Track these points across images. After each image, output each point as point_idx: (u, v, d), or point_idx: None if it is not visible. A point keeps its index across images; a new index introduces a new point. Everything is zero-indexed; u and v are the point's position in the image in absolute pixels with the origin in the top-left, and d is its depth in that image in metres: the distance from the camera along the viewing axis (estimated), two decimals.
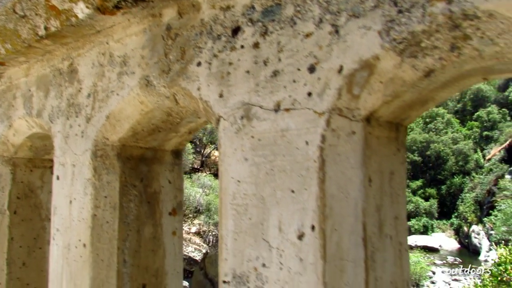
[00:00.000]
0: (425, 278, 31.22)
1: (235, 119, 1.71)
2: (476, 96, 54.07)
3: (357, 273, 1.44)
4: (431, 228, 44.41)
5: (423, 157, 47.84)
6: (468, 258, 37.93)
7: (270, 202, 1.57)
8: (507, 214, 35.11)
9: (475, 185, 44.06)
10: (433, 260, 37.45)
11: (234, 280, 1.66)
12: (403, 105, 1.58)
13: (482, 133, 49.85)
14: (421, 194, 46.45)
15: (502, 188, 40.59)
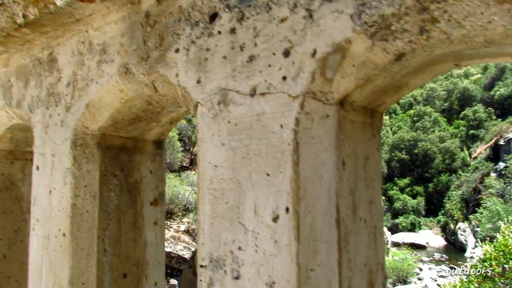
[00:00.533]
0: (412, 275, 31.59)
1: (212, 104, 1.72)
2: (463, 95, 54.79)
3: (330, 254, 1.46)
4: (419, 225, 44.94)
5: (410, 155, 48.35)
6: (454, 255, 38.47)
7: (246, 186, 1.59)
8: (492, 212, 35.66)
9: (461, 183, 44.69)
10: (420, 257, 37.90)
11: (211, 264, 1.67)
12: (377, 90, 1.61)
13: (469, 132, 50.55)
14: (408, 192, 46.97)
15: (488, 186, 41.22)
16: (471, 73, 60.22)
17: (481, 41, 1.34)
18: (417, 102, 57.49)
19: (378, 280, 1.72)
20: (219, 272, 1.64)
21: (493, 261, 11.12)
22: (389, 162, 48.71)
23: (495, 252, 11.41)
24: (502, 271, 11.08)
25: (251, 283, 1.55)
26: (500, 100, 50.69)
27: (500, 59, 1.54)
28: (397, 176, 48.34)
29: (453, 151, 47.66)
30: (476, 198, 42.04)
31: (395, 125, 53.79)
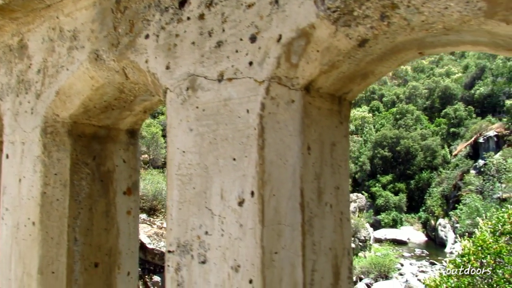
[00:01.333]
0: (394, 270, 32.10)
1: (181, 90, 1.72)
2: (444, 94, 55.74)
3: (294, 237, 1.48)
4: (400, 221, 45.64)
5: (393, 153, 49.01)
6: (434, 250, 39.21)
7: (213, 171, 1.60)
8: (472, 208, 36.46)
9: (442, 180, 45.53)
10: (401, 252, 38.53)
11: (179, 249, 1.68)
12: (343, 77, 1.63)
13: (449, 130, 51.49)
14: (391, 189, 47.63)
15: (467, 182, 42.09)
16: (453, 72, 61.26)
17: (441, 28, 1.37)
18: (400, 100, 58.24)
19: (344, 264, 1.75)
20: (186, 257, 1.65)
21: (471, 256, 11.36)
22: (372, 159, 49.29)
23: (473, 247, 11.66)
24: (480, 266, 11.33)
25: (217, 267, 1.56)
26: (480, 98, 51.76)
27: (461, 47, 1.58)
28: (379, 173, 48.96)
29: (434, 149, 48.50)
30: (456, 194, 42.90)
31: (378, 122, 54.42)
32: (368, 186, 48.27)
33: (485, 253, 11.35)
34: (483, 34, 1.37)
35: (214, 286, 1.56)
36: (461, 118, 51.38)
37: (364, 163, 48.67)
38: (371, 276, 29.92)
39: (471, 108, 51.62)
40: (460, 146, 47.82)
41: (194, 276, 1.62)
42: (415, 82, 61.44)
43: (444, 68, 63.80)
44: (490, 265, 11.19)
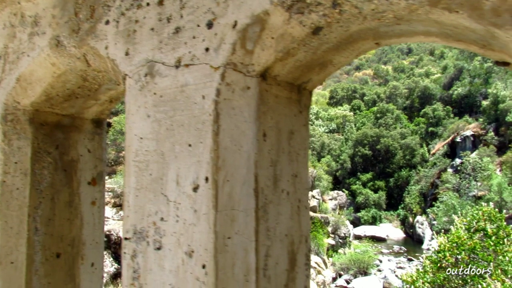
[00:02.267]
0: (373, 266, 32.59)
1: (139, 76, 1.71)
2: (423, 94, 56.75)
3: (248, 222, 1.50)
4: (379, 219, 46.34)
5: (373, 151, 49.68)
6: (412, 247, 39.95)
7: (169, 157, 1.60)
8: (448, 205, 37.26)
9: (420, 178, 46.39)
10: (380, 249, 39.13)
11: (135, 236, 1.67)
12: (300, 66, 1.65)
13: (428, 129, 52.48)
14: (370, 187, 48.29)
15: (444, 181, 42.97)
16: (432, 72, 62.42)
17: (392, 17, 1.40)
18: (380, 99, 59.03)
19: (301, 251, 1.78)
20: (142, 244, 1.64)
21: (447, 252, 11.63)
22: (352, 157, 49.86)
23: (448, 243, 11.94)
24: (455, 262, 11.60)
25: (171, 253, 1.56)
26: (458, 99, 52.88)
27: (415, 38, 1.61)
28: (360, 171, 49.57)
29: (413, 147, 49.36)
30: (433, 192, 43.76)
31: (359, 121, 55.06)
32: (348, 184, 48.82)
33: (460, 249, 11.62)
34: (432, 24, 1.40)
35: (168, 272, 1.56)
36: (439, 117, 52.43)
37: (345, 161, 49.20)
38: (350, 272, 30.30)
39: (449, 108, 52.71)
40: (438, 145, 48.78)
41: (149, 262, 1.62)
42: (396, 82, 62.36)
43: (424, 69, 64.94)
44: (464, 261, 11.45)
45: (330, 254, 32.00)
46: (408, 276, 12.57)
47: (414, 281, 12.11)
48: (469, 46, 1.51)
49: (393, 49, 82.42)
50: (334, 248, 33.39)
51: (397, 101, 57.84)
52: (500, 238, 10.81)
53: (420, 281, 11.97)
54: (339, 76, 77.28)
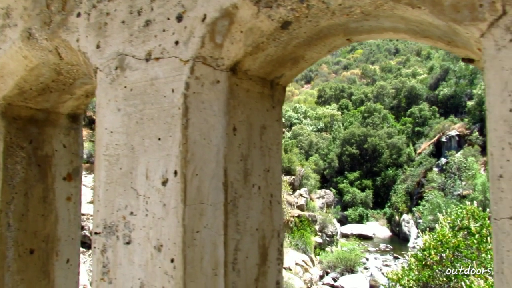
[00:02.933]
0: (359, 264, 32.85)
1: (110, 69, 1.69)
2: (410, 94, 57.36)
3: (216, 216, 1.50)
4: (366, 217, 46.72)
5: (361, 150, 50.07)
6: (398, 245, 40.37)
7: (139, 151, 1.59)
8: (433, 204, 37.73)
9: (406, 177, 46.89)
10: (367, 247, 39.46)
11: (105, 230, 1.66)
12: (271, 60, 1.66)
13: (414, 129, 53.08)
14: (358, 185, 48.66)
15: (430, 180, 43.49)
16: (418, 73, 63.14)
17: (359, 13, 1.41)
18: (368, 99, 59.52)
19: (273, 245, 1.78)
20: (112, 238, 1.63)
21: (431, 250, 11.76)
22: (340, 156, 50.18)
23: (433, 241, 12.08)
24: (440, 259, 11.74)
25: (140, 247, 1.55)
26: (444, 99, 53.59)
27: (384, 34, 1.63)
28: (347, 170, 49.92)
29: (400, 147, 49.87)
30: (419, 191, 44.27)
31: (346, 120, 55.43)
32: (336, 182, 49.13)
33: (445, 247, 11.76)
34: (398, 20, 1.42)
35: (138, 266, 1.56)
36: (425, 117, 53.05)
37: (333, 160, 49.49)
38: (337, 270, 30.49)
39: (435, 108, 53.36)
40: (424, 144, 49.36)
41: (119, 257, 1.61)
42: (383, 81, 62.92)
43: (411, 69, 65.64)
44: (448, 258, 11.60)
45: (318, 252, 32.16)
46: (394, 274, 12.67)
47: (399, 278, 12.22)
48: (436, 43, 1.53)
49: (381, 49, 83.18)
50: (322, 246, 33.55)
51: (384, 100, 58.39)
52: (483, 236, 10.97)
53: (405, 278, 12.08)
54: (327, 75, 77.70)
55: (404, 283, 12.15)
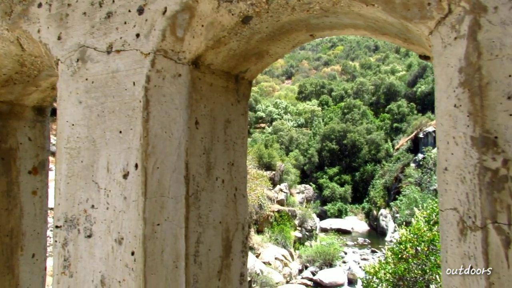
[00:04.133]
0: (338, 258, 33.29)
1: (71, 61, 1.67)
2: (389, 90, 58.20)
3: (178, 209, 1.50)
4: (345, 212, 47.31)
5: (340, 146, 50.57)
6: (376, 239, 41.08)
7: (100, 144, 1.58)
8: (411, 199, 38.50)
9: (384, 172, 47.64)
10: (345, 241, 40.00)
11: (66, 224, 1.64)
12: (235, 55, 1.67)
13: (393, 125, 53.92)
14: (337, 181, 49.18)
15: (407, 175, 44.35)
16: (397, 70, 64.09)
17: (318, 9, 1.44)
18: (348, 95, 60.12)
19: (237, 238, 1.80)
20: (73, 232, 1.62)
21: (407, 244, 12.01)
22: (320, 151, 50.60)
23: (410, 235, 12.33)
24: (415, 253, 12.00)
25: (101, 241, 1.55)
26: (421, 96, 54.57)
27: (345, 31, 1.66)
28: (327, 165, 50.38)
29: (379, 143, 50.60)
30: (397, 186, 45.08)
31: (327, 116, 55.88)
32: (316, 177, 49.55)
33: (420, 240, 12.02)
34: (356, 17, 1.45)
35: (99, 259, 1.55)
36: (403, 114, 53.93)
37: (313, 156, 49.87)
38: (316, 264, 30.83)
39: (413, 105, 54.29)
40: (402, 140, 50.22)
41: (80, 250, 1.60)
42: (363, 78, 63.67)
43: (390, 66, 66.58)
44: (424, 252, 11.87)
45: (297, 246, 32.44)
46: (371, 267, 12.88)
47: (376, 272, 12.43)
48: (394, 40, 1.57)
49: (361, 46, 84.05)
50: (301, 240, 33.85)
51: (364, 97, 59.11)
52: None
53: (382, 271, 12.30)
54: (308, 71, 78.10)
55: (380, 276, 12.37)
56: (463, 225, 1.07)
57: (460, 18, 1.07)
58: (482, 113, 1.01)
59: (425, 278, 11.73)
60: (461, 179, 1.07)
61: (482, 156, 1.01)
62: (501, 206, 0.99)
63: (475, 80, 1.02)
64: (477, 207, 1.02)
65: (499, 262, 0.99)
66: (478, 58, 1.02)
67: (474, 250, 1.03)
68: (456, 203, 1.09)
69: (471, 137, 1.03)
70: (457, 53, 1.07)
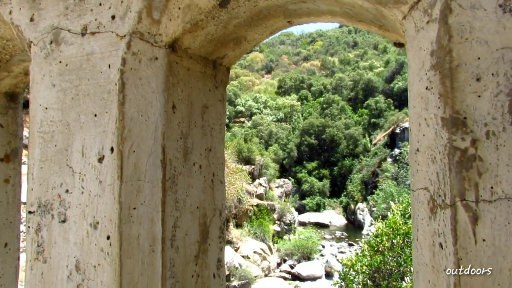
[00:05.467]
0: (316, 252, 33.71)
1: (44, 44, 1.63)
2: (367, 86, 59.00)
3: (154, 193, 1.50)
4: (323, 206, 47.86)
5: (319, 140, 51.05)
6: (353, 232, 41.74)
7: (74, 128, 1.55)
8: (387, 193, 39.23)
9: (362, 167, 48.37)
10: (323, 235, 40.50)
11: (39, 209, 1.61)
12: (212, 40, 1.66)
13: (370, 120, 54.74)
14: (315, 175, 49.68)
15: (384, 170, 45.15)
16: (375, 66, 65.02)
17: None
18: (327, 90, 60.67)
19: (214, 224, 1.81)
20: (47, 217, 1.59)
21: (384, 237, 12.24)
22: (299, 146, 50.96)
23: (386, 228, 12.57)
24: (391, 246, 12.25)
25: (76, 225, 1.53)
26: (399, 92, 55.54)
27: (323, 18, 1.68)
28: (306, 160, 50.81)
29: (357, 138, 51.31)
30: (374, 180, 45.84)
31: (306, 111, 56.28)
32: (295, 172, 49.90)
33: (395, 233, 12.28)
34: (333, 2, 1.47)
35: (73, 244, 1.53)
36: (381, 109, 54.79)
37: (292, 150, 50.18)
38: (294, 257, 31.12)
39: (390, 101, 55.20)
40: (379, 135, 51.03)
41: (54, 235, 1.57)
42: (342, 73, 64.31)
43: (368, 62, 67.46)
44: (399, 244, 12.13)
45: (276, 240, 32.66)
46: (348, 260, 13.07)
47: (353, 264, 12.63)
48: (370, 27, 1.60)
49: (340, 41, 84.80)
50: (280, 234, 34.07)
51: (343, 92, 59.74)
52: None
53: (359, 264, 12.49)
54: (288, 66, 78.34)
55: (357, 268, 12.58)
56: (434, 204, 1.10)
57: (432, 2, 1.09)
58: (452, 94, 1.04)
59: (400, 270, 11.99)
60: (432, 159, 1.10)
61: (452, 136, 1.04)
62: (469, 184, 1.02)
63: (446, 63, 1.05)
64: (446, 186, 1.05)
65: (466, 238, 1.03)
66: (449, 41, 1.05)
67: (443, 227, 1.07)
68: (427, 182, 1.12)
69: (442, 118, 1.06)
70: (429, 37, 1.10)
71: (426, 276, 1.14)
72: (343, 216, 47.98)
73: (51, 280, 1.56)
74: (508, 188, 0.99)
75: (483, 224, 1.01)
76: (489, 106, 1.00)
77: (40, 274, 1.59)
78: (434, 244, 1.10)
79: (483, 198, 1.01)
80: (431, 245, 1.12)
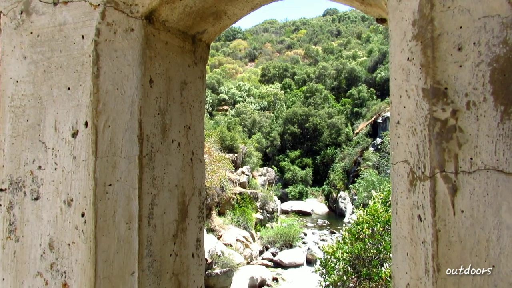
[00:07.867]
0: (298, 239, 34.07)
1: (14, 14, 1.56)
2: (350, 75, 59.36)
3: (130, 169, 1.45)
4: (306, 194, 48.30)
5: (302, 129, 51.29)
6: (335, 220, 42.30)
7: (47, 101, 1.49)
8: (368, 182, 39.79)
9: (344, 156, 48.87)
10: (305, 223, 40.93)
11: (11, 186, 1.56)
12: (191, 13, 1.61)
13: (353, 109, 55.19)
14: (298, 164, 49.99)
15: (366, 159, 45.75)
16: (358, 55, 65.37)
17: None
18: (310, 79, 60.77)
19: (193, 203, 1.78)
20: (19, 194, 1.54)
21: (364, 224, 12.43)
22: (282, 135, 51.11)
23: (366, 216, 12.76)
24: (371, 233, 12.45)
25: (49, 203, 1.48)
26: (381, 82, 56.05)
27: None
28: (289, 149, 51.04)
29: (339, 127, 51.73)
30: (356, 169, 46.40)
31: (289, 99, 56.33)
32: (278, 160, 50.10)
33: (376, 221, 12.48)
34: None
35: (47, 222, 1.48)
36: (363, 99, 55.27)
37: (275, 139, 50.31)
38: (276, 245, 31.39)
39: (372, 90, 55.70)
40: (362, 125, 51.55)
41: (26, 213, 1.52)
42: (325, 62, 64.45)
43: (351, 51, 67.76)
44: (379, 232, 12.34)
45: (258, 228, 32.86)
46: (329, 248, 13.24)
47: (334, 252, 12.80)
48: (352, 2, 1.57)
49: (323, 30, 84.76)
50: (262, 222, 34.28)
51: (326, 81, 59.97)
52: None
53: (340, 251, 12.67)
54: (271, 54, 78.05)
55: (338, 255, 12.75)
56: (413, 176, 1.09)
57: None
58: (433, 64, 1.02)
59: (380, 257, 12.21)
60: (412, 131, 1.09)
61: (433, 107, 1.03)
62: (449, 155, 1.02)
63: (428, 32, 1.03)
64: (426, 158, 1.05)
65: (445, 209, 1.02)
66: (431, 9, 1.03)
67: (422, 199, 1.06)
68: (407, 155, 1.11)
69: (423, 89, 1.05)
70: (411, 6, 1.08)
71: (404, 249, 1.14)
72: (325, 204, 48.53)
73: (23, 259, 1.51)
74: (487, 159, 0.99)
75: (462, 195, 1.01)
76: (470, 76, 0.99)
77: (12, 253, 1.54)
78: (413, 216, 1.10)
79: (462, 169, 1.01)
80: (410, 218, 1.11)
